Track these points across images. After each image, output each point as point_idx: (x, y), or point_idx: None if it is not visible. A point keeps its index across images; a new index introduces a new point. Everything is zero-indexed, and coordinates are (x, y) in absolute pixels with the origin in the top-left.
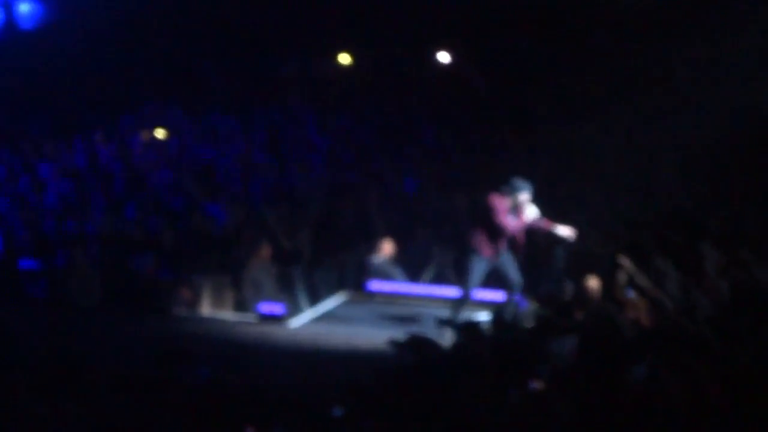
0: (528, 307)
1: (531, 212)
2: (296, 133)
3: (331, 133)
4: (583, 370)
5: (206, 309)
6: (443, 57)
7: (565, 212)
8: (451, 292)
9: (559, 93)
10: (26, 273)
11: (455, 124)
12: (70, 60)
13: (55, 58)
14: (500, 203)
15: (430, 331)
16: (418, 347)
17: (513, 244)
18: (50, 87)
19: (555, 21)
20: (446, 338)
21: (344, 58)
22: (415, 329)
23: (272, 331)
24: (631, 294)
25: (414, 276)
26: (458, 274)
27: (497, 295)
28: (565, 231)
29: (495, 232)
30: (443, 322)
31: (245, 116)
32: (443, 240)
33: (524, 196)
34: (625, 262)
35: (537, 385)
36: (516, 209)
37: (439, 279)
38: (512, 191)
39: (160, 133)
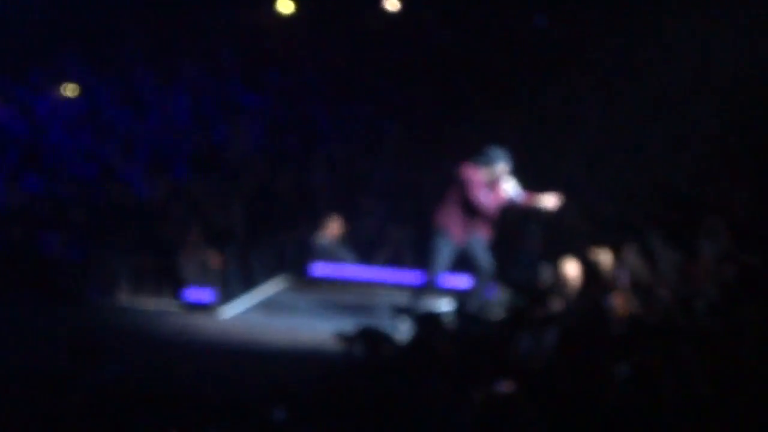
0: (498, 295)
1: (509, 186)
2: (227, 91)
3: (267, 93)
4: (561, 370)
5: (124, 296)
6: (396, 2)
7: (540, 183)
8: (409, 277)
9: (535, 45)
10: None
11: (414, 82)
12: None
13: None
14: (475, 176)
15: (384, 324)
16: (370, 342)
17: (486, 222)
18: None
19: None
20: (403, 331)
21: (284, 5)
22: (366, 321)
23: (200, 321)
24: (618, 278)
25: (366, 258)
26: (422, 257)
27: (462, 281)
28: (549, 201)
29: (468, 210)
30: (400, 312)
31: (168, 72)
32: (400, 217)
33: (502, 167)
34: (610, 241)
35: (505, 386)
36: (492, 183)
37: (395, 262)
38: (488, 162)
39: (69, 90)
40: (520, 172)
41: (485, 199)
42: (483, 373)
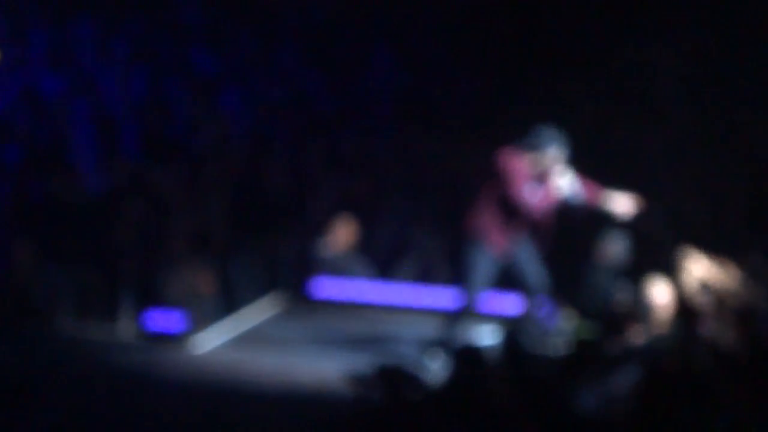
0: (558, 323)
1: (565, 181)
2: (194, 58)
3: (250, 60)
4: (644, 424)
5: (65, 320)
6: None
7: (608, 177)
8: (442, 299)
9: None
10: None
11: (442, 42)
12: None
13: None
14: (517, 165)
15: (410, 361)
16: (390, 384)
17: (536, 228)
18: None
19: None
20: (433, 371)
21: None
22: (385, 357)
23: (166, 356)
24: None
25: (385, 274)
26: (458, 273)
27: (511, 304)
28: (623, 204)
29: (507, 210)
30: (429, 346)
31: (112, 26)
32: (428, 219)
33: (554, 154)
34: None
35: None
36: (541, 176)
37: (424, 279)
38: (535, 147)
39: None
40: (580, 162)
41: (530, 196)
42: (539, 427)
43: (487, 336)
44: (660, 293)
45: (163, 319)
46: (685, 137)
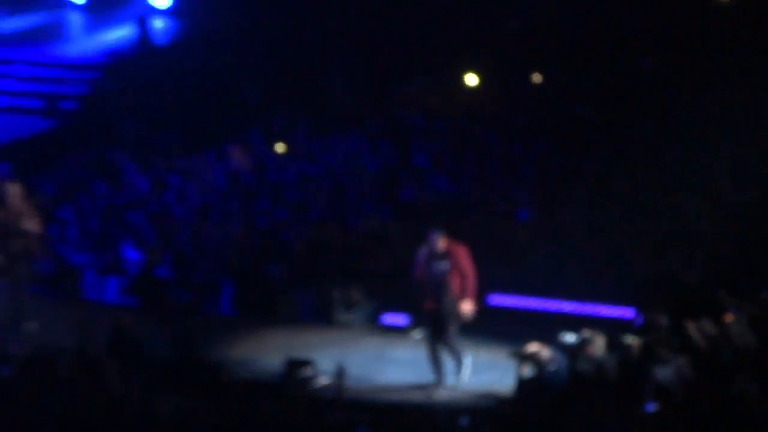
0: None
1: None
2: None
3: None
4: (698, 389)
5: (334, 317)
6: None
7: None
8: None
9: None
10: (163, 282)
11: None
12: (200, 74)
13: (186, 72)
14: None
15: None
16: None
17: None
18: (182, 101)
19: None
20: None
21: (471, 79)
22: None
23: (397, 340)
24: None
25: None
26: None
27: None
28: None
29: None
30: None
31: (368, 132)
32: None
33: None
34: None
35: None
36: None
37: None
38: None
39: (280, 148)
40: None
41: None
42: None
43: (569, 336)
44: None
45: (394, 319)
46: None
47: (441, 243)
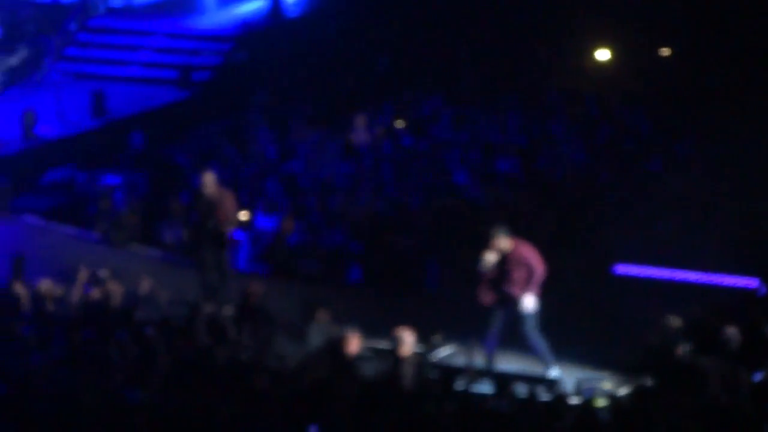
0: None
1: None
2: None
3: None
4: None
5: (457, 288)
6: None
7: None
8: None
9: None
10: (294, 250)
11: None
12: (331, 47)
13: (316, 44)
14: None
15: None
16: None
17: None
18: (312, 73)
19: None
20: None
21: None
22: None
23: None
24: None
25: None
26: None
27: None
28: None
29: None
30: None
31: (501, 105)
32: None
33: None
34: None
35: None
36: None
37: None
38: None
39: (400, 123)
40: None
41: None
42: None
43: None
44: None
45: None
46: None
47: (507, 243)
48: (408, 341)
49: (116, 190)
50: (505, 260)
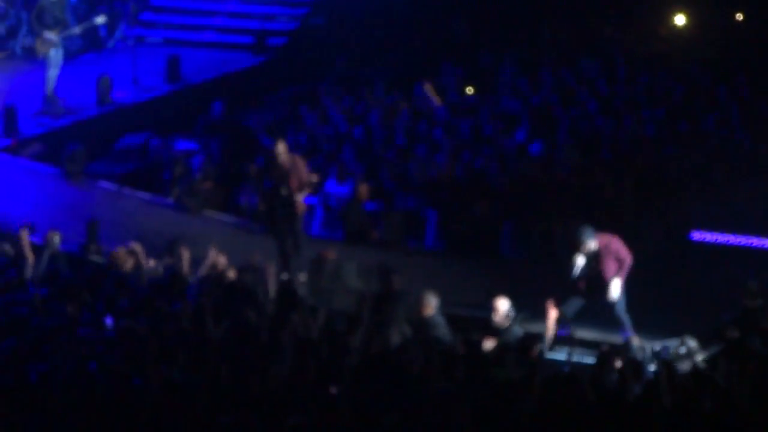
0: None
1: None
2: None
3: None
4: None
5: (536, 253)
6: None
7: None
8: None
9: None
10: (369, 215)
11: None
12: (407, 11)
13: (392, 8)
14: None
15: None
16: None
17: None
18: (388, 37)
19: None
20: None
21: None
22: None
23: None
24: None
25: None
26: None
27: None
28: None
29: None
30: None
31: (577, 69)
32: None
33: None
34: None
35: None
36: None
37: None
38: None
39: (470, 90)
40: None
41: None
42: None
43: None
44: None
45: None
46: None
47: (595, 243)
48: (502, 309)
49: (191, 156)
50: (594, 256)
